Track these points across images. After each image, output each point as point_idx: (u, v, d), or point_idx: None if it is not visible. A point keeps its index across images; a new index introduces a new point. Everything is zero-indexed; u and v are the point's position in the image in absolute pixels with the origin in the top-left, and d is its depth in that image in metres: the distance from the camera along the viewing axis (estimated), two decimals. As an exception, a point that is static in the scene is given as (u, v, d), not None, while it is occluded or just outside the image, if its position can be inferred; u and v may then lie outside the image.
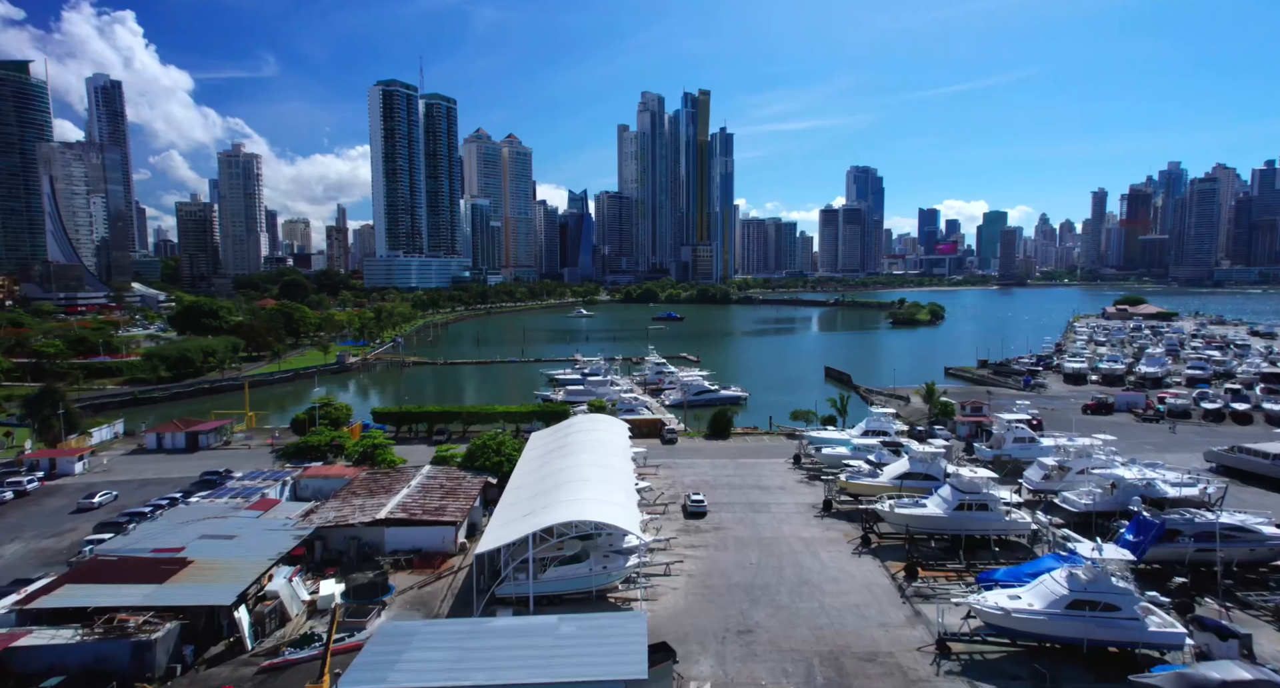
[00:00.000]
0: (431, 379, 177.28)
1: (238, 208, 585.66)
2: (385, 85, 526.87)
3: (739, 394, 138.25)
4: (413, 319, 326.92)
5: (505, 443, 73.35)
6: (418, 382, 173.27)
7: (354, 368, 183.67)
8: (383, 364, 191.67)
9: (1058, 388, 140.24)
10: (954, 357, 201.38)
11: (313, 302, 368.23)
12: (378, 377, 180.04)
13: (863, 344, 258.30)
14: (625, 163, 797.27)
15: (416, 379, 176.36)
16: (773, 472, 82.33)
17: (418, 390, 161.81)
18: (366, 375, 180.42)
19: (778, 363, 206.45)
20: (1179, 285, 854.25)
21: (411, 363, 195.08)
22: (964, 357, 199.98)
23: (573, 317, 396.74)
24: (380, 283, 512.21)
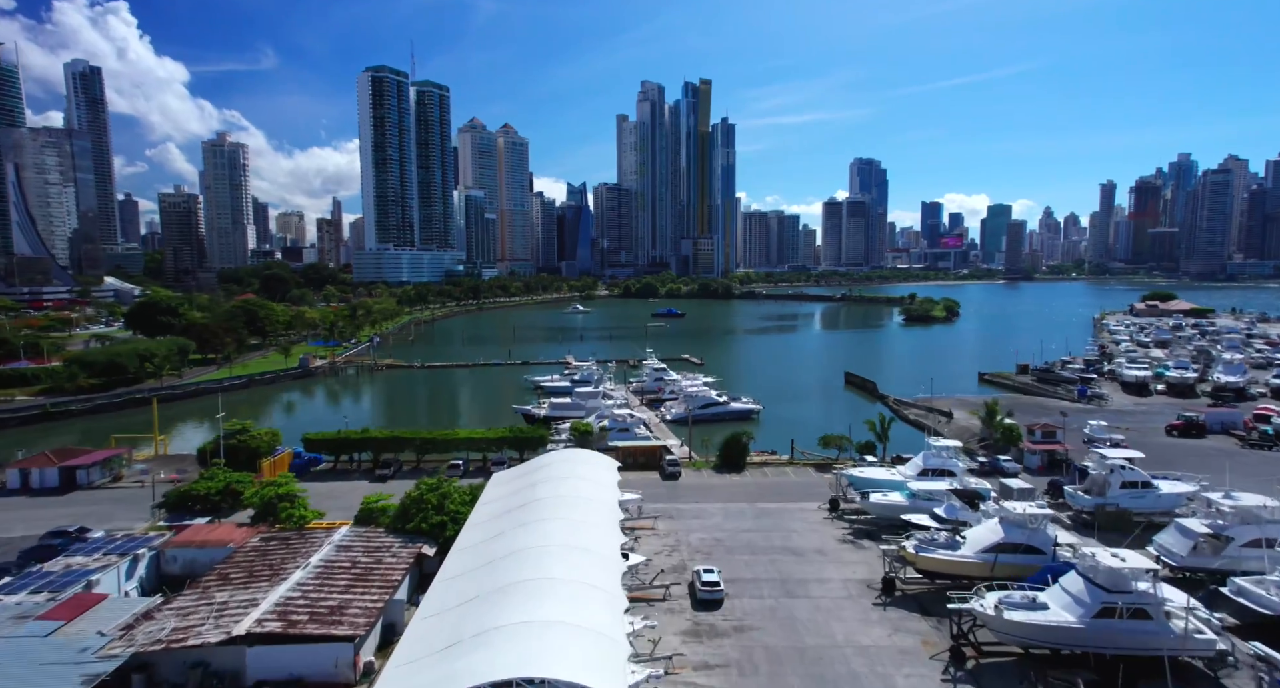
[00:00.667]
0: (404, 386, 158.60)
1: (224, 199, 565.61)
2: (374, 71, 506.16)
3: (751, 407, 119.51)
4: (397, 316, 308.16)
5: (451, 494, 54.75)
6: (388, 389, 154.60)
7: (319, 372, 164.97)
8: (353, 368, 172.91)
9: (1120, 401, 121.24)
10: (984, 360, 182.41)
11: (294, 297, 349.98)
12: (344, 382, 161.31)
13: (877, 344, 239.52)
14: (625, 154, 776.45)
15: (387, 386, 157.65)
16: (805, 523, 63.64)
17: (385, 400, 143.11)
18: (333, 381, 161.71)
19: (789, 366, 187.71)
20: (1190, 279, 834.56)
21: (385, 366, 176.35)
22: (996, 360, 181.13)
23: (568, 313, 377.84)
24: (370, 277, 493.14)
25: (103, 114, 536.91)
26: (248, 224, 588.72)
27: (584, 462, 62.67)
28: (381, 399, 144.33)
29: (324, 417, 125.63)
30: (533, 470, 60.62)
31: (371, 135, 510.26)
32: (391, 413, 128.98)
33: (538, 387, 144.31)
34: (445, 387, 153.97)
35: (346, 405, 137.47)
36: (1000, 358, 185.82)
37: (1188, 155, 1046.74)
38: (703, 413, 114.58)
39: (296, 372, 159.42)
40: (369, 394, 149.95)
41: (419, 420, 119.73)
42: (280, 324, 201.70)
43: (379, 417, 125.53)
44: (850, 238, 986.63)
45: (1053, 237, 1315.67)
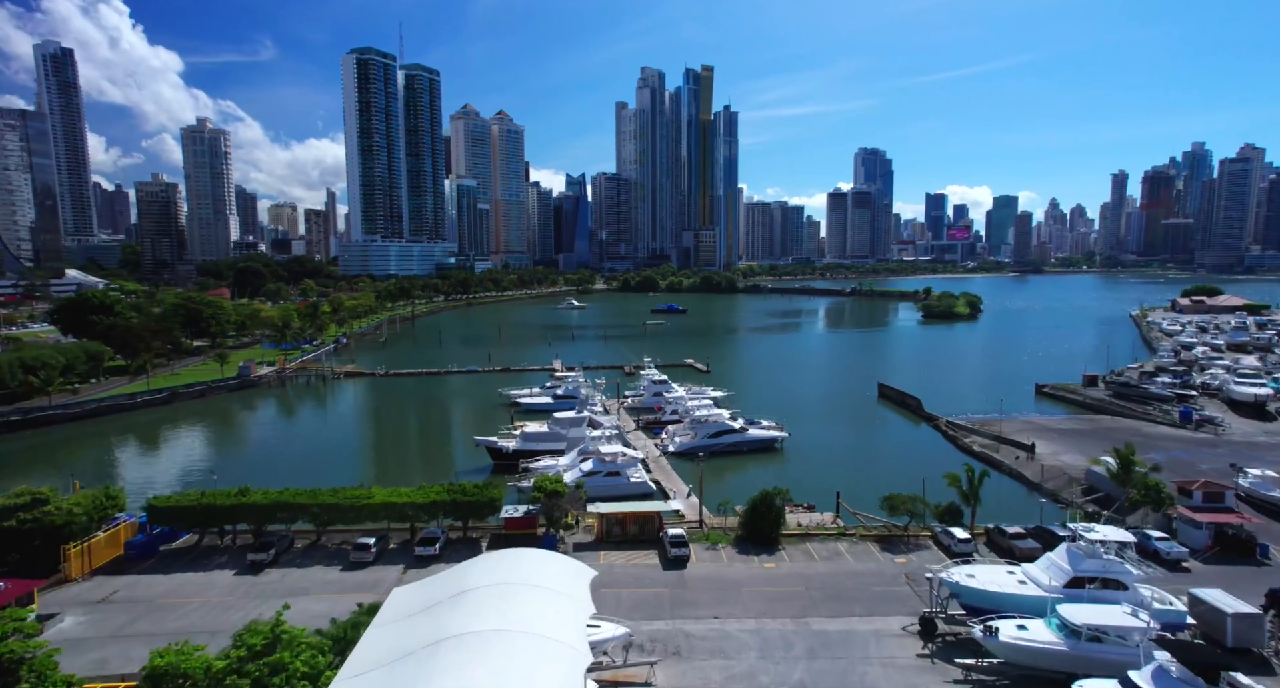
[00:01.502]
0: (355, 401, 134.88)
1: (204, 188, 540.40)
2: (360, 53, 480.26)
3: (773, 435, 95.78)
4: (375, 312, 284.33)
5: (296, 648, 31.16)
6: (335, 405, 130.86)
7: (263, 382, 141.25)
8: (304, 377, 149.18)
9: (1240, 427, 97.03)
10: (1034, 367, 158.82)
11: (269, 292, 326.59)
12: (290, 396, 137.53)
13: (900, 346, 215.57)
14: (624, 143, 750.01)
15: (336, 401, 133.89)
16: (889, 666, 40.14)
17: (323, 424, 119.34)
18: (278, 393, 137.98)
19: (808, 374, 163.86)
20: (1206, 271, 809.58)
21: (342, 374, 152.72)
22: (1046, 366, 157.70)
23: (562, 309, 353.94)
24: (356, 270, 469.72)
25: (75, 98, 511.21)
26: (230, 214, 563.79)
27: (538, 572, 38.88)
28: (318, 422, 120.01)
29: (236, 454, 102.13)
30: (454, 592, 36.83)
31: (357, 121, 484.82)
32: (324, 443, 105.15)
33: (513, 403, 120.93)
34: (403, 402, 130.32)
35: (273, 431, 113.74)
36: (1051, 364, 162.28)
37: (1202, 144, 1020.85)
38: (715, 443, 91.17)
39: (234, 383, 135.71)
40: (309, 414, 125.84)
41: (353, 456, 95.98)
42: (230, 324, 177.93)
43: (304, 450, 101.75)
44: (856, 230, 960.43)
45: (1061, 228, 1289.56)
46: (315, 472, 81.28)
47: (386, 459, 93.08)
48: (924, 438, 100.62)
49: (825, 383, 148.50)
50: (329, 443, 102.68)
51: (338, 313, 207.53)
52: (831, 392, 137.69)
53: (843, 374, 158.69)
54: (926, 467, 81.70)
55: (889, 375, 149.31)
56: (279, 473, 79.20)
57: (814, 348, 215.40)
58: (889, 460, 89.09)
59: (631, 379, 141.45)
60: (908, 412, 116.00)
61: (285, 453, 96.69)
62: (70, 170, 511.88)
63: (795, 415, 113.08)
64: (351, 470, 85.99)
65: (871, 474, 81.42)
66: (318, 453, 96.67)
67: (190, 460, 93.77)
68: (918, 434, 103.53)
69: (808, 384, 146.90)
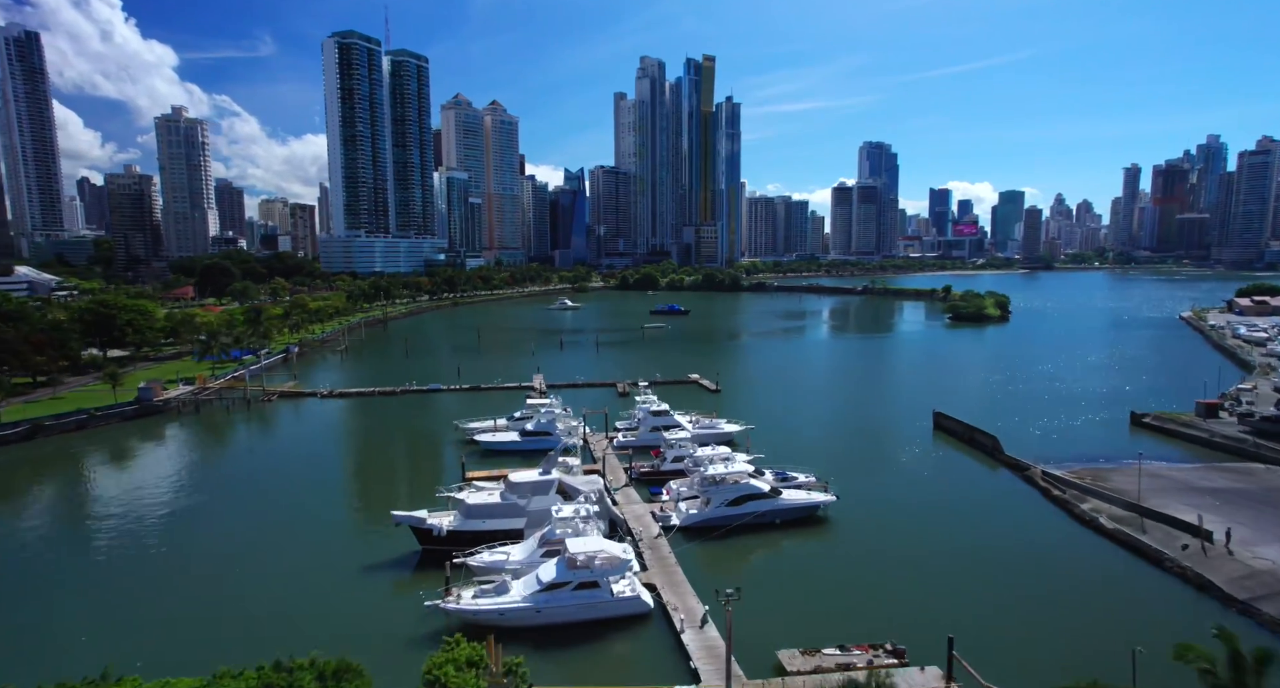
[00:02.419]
0: (270, 437, 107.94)
1: (180, 181, 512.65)
2: (341, 37, 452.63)
3: (818, 500, 69.35)
4: (347, 314, 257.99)
5: None
6: (242, 443, 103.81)
7: (170, 408, 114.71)
8: (227, 401, 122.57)
9: None
10: (1107, 384, 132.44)
11: (236, 291, 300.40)
12: (193, 428, 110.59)
13: (935, 354, 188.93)
14: (622, 135, 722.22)
15: (250, 435, 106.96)
16: None
17: (206, 475, 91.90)
18: (187, 422, 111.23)
19: (838, 391, 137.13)
20: (1225, 268, 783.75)
21: (275, 395, 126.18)
22: (1117, 384, 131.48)
23: (554, 309, 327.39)
24: (339, 267, 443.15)
25: (43, 85, 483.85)
26: (209, 209, 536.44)
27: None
28: (202, 474, 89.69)
29: (79, 539, 75.75)
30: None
31: (340, 110, 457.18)
32: (192, 512, 78.15)
33: (470, 440, 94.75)
34: (334, 437, 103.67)
35: (146, 486, 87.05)
36: (1123, 380, 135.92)
37: (1217, 137, 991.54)
38: (736, 514, 65.03)
39: (129, 409, 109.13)
40: (201, 457, 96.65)
41: (224, 534, 68.26)
42: (157, 332, 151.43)
43: (161, 524, 75.16)
44: (861, 225, 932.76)
45: (1069, 224, 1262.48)
46: (168, 566, 55.37)
47: (270, 539, 66.53)
48: (1018, 499, 74.15)
49: (862, 406, 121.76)
50: (198, 511, 74.82)
51: (290, 317, 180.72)
52: (873, 419, 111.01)
53: (881, 394, 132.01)
54: (1051, 559, 55.60)
55: (936, 395, 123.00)
56: (116, 576, 53.01)
57: (837, 358, 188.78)
58: (993, 544, 62.70)
59: (625, 402, 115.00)
60: (979, 453, 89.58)
61: (138, 531, 70.09)
62: (37, 161, 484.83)
63: (834, 458, 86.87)
64: (206, 562, 59.70)
65: (981, 580, 55.11)
66: (180, 529, 70.06)
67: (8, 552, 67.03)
68: (1007, 491, 77.09)
69: (841, 408, 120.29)
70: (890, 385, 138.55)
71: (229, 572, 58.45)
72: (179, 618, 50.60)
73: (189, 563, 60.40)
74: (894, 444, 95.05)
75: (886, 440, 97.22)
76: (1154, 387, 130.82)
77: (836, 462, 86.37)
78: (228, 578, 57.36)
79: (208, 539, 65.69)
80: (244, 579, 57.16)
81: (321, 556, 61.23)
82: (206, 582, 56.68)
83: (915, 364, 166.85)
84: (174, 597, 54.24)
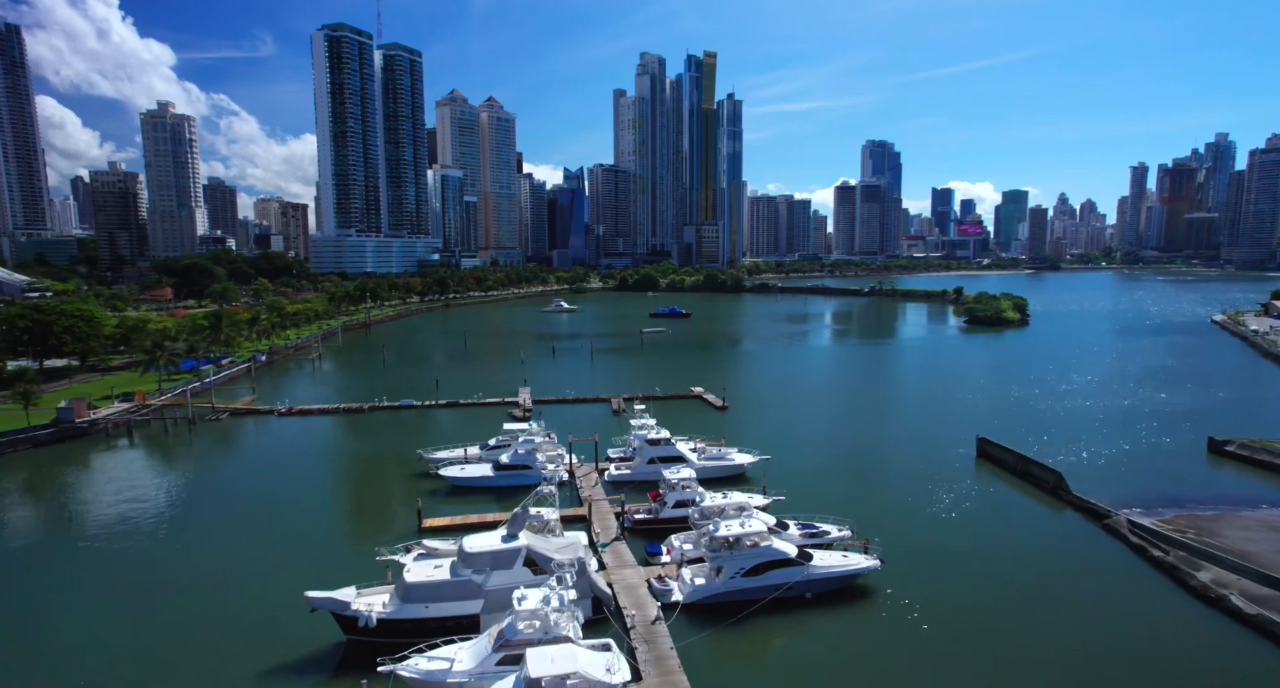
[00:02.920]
0: (206, 468, 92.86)
1: (167, 179, 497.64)
2: (331, 30, 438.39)
3: (859, 565, 54.79)
4: (328, 317, 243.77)
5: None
6: (170, 476, 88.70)
7: (96, 430, 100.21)
8: (168, 419, 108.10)
9: None
10: (1156, 400, 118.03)
11: (215, 292, 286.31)
12: (120, 454, 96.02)
13: (956, 362, 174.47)
14: (622, 133, 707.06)
15: (181, 465, 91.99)
16: None
17: (112, 526, 77.12)
18: (102, 450, 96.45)
19: (859, 407, 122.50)
20: (1235, 268, 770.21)
21: (226, 413, 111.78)
22: (1166, 399, 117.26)
23: (549, 311, 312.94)
24: (329, 267, 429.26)
25: (24, 79, 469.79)
26: (197, 207, 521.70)
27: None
28: (87, 519, 73.81)
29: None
30: None
31: (329, 105, 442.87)
32: (79, 577, 64.18)
33: (435, 473, 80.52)
34: (274, 471, 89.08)
35: (31, 540, 72.60)
36: (1173, 394, 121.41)
37: (1225, 135, 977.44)
38: (756, 587, 50.82)
39: (45, 433, 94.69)
40: (118, 494, 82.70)
41: (109, 609, 54.00)
42: (105, 340, 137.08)
43: (36, 597, 60.71)
44: (865, 225, 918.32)
45: (1074, 224, 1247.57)
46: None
47: (149, 627, 52.10)
48: (1105, 559, 59.53)
49: (888, 428, 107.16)
50: (65, 579, 61.03)
51: (256, 323, 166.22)
52: (903, 445, 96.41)
53: (907, 412, 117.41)
54: (1174, 658, 40.94)
55: (970, 413, 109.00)
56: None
57: (851, 367, 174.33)
58: (1090, 631, 48.30)
59: (620, 424, 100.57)
60: (1037, 491, 75.20)
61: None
62: (19, 158, 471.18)
63: (864, 497, 72.73)
64: (63, 663, 45.20)
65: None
66: (35, 611, 55.76)
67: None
68: (1087, 548, 62.53)
69: (864, 431, 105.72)
70: (915, 401, 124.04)
71: (88, 678, 44.11)
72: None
73: (37, 662, 46.10)
74: (933, 478, 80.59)
75: (923, 473, 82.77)
76: (1218, 404, 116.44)
77: (868, 504, 72.03)
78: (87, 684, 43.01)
79: (68, 624, 51.29)
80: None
81: (216, 648, 46.81)
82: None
83: (938, 375, 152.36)
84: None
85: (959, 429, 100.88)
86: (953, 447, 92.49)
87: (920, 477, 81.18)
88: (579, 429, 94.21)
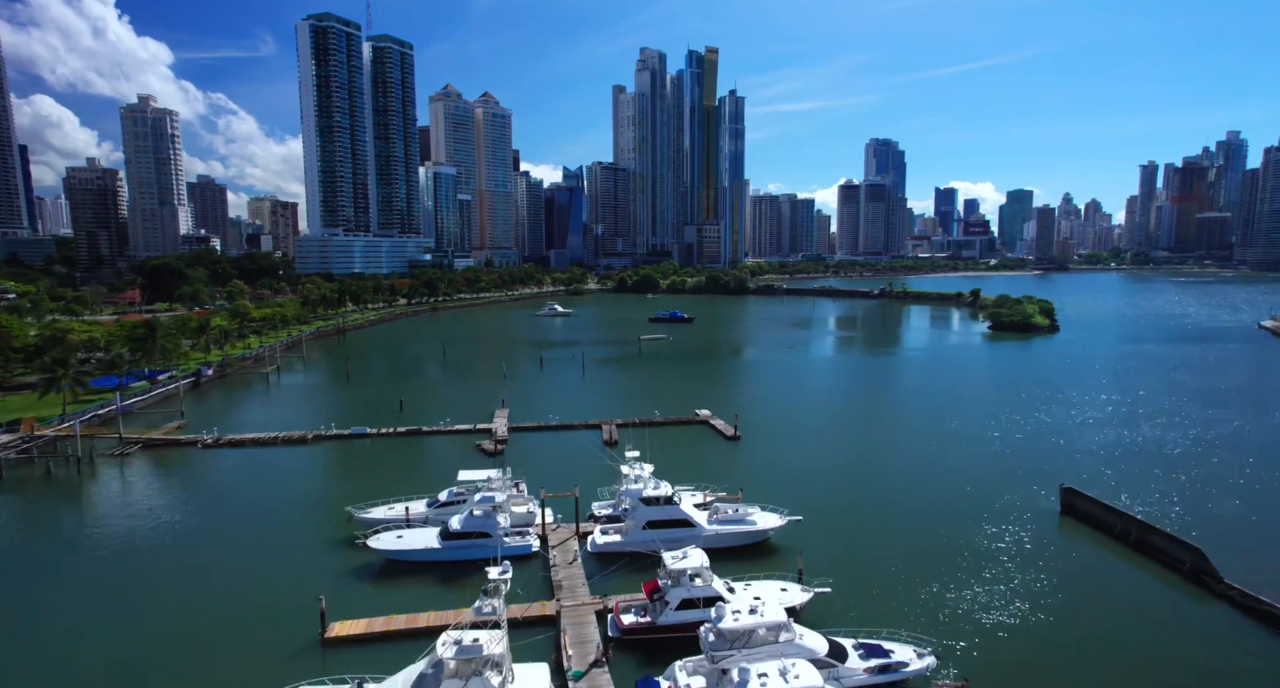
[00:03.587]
0: (71, 536, 73.95)
1: (148, 176, 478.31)
2: (317, 20, 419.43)
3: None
4: (302, 322, 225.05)
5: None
6: (17, 555, 70.31)
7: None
8: (54, 457, 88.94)
9: None
10: (1242, 429, 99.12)
11: (185, 295, 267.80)
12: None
13: (992, 376, 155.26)
14: (621, 130, 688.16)
15: (40, 523, 73.07)
16: None
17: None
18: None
19: (891, 436, 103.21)
20: (1249, 269, 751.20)
21: (138, 445, 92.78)
22: (1260, 430, 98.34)
23: (542, 315, 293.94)
24: (314, 268, 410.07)
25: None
26: (179, 205, 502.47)
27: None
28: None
29: None
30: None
31: (315, 99, 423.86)
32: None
33: (360, 542, 61.53)
34: (165, 536, 69.86)
35: None
36: (1266, 423, 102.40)
37: (1237, 133, 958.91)
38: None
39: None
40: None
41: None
42: (15, 352, 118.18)
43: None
44: (869, 224, 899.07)
45: (1082, 224, 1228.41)
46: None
47: None
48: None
49: (938, 464, 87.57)
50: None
51: (205, 331, 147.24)
52: (962, 491, 77.02)
53: (956, 441, 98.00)
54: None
55: (1030, 446, 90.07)
56: None
57: (875, 381, 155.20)
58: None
59: (613, 456, 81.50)
60: (1163, 570, 56.23)
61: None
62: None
63: (931, 583, 53.55)
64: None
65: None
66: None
67: None
68: (1251, 661, 43.70)
69: (910, 470, 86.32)
70: (960, 428, 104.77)
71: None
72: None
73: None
74: (1013, 548, 61.62)
75: (997, 539, 63.79)
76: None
77: (933, 591, 53.14)
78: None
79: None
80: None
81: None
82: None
83: (975, 392, 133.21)
84: None
85: (1024, 469, 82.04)
86: (1026, 497, 73.55)
87: (994, 546, 62.09)
88: (560, 467, 75.56)
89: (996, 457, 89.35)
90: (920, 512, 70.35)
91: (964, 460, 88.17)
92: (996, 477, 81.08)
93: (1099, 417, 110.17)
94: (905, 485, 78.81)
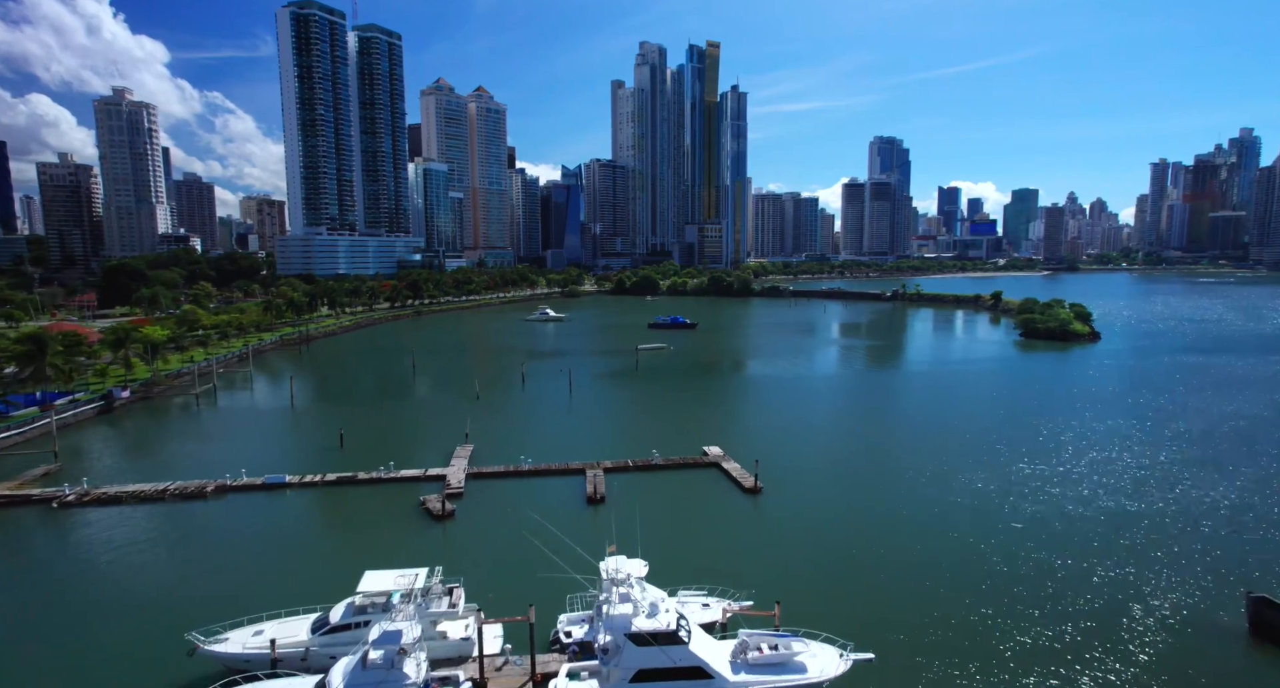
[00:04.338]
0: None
1: (123, 172, 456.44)
2: (298, 7, 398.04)
3: None
4: (269, 329, 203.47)
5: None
6: None
7: None
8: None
9: None
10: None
11: (143, 298, 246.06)
12: None
13: (1047, 398, 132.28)
14: (620, 126, 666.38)
15: None
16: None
17: None
18: None
19: (958, 484, 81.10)
20: (1266, 269, 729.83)
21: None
22: None
23: (532, 320, 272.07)
24: (297, 269, 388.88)
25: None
26: (157, 203, 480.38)
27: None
28: None
29: None
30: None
31: (296, 91, 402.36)
32: None
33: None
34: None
35: None
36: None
37: (1250, 130, 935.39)
38: None
39: None
40: None
41: None
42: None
43: None
44: (874, 223, 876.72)
45: (1090, 224, 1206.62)
46: None
47: None
48: None
49: (1050, 541, 65.73)
50: None
51: (124, 342, 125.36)
52: (1091, 588, 55.31)
53: (1061, 507, 76.05)
54: None
55: (1151, 510, 68.37)
56: None
57: (915, 404, 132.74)
58: None
59: (596, 517, 59.47)
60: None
61: None
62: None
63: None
64: None
65: None
66: None
67: None
68: None
69: (999, 546, 64.37)
70: (1049, 489, 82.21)
71: None
72: None
73: None
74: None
75: (1160, 681, 42.09)
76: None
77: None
78: None
79: None
80: None
81: None
82: None
83: (1041, 424, 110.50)
84: None
85: (1164, 552, 60.31)
86: (1189, 599, 51.83)
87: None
88: (518, 551, 53.67)
89: (1117, 531, 67.37)
90: (1052, 622, 48.35)
91: (1083, 538, 66.07)
92: (1124, 563, 59.14)
93: (1256, 474, 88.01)
94: (1015, 575, 56.74)
